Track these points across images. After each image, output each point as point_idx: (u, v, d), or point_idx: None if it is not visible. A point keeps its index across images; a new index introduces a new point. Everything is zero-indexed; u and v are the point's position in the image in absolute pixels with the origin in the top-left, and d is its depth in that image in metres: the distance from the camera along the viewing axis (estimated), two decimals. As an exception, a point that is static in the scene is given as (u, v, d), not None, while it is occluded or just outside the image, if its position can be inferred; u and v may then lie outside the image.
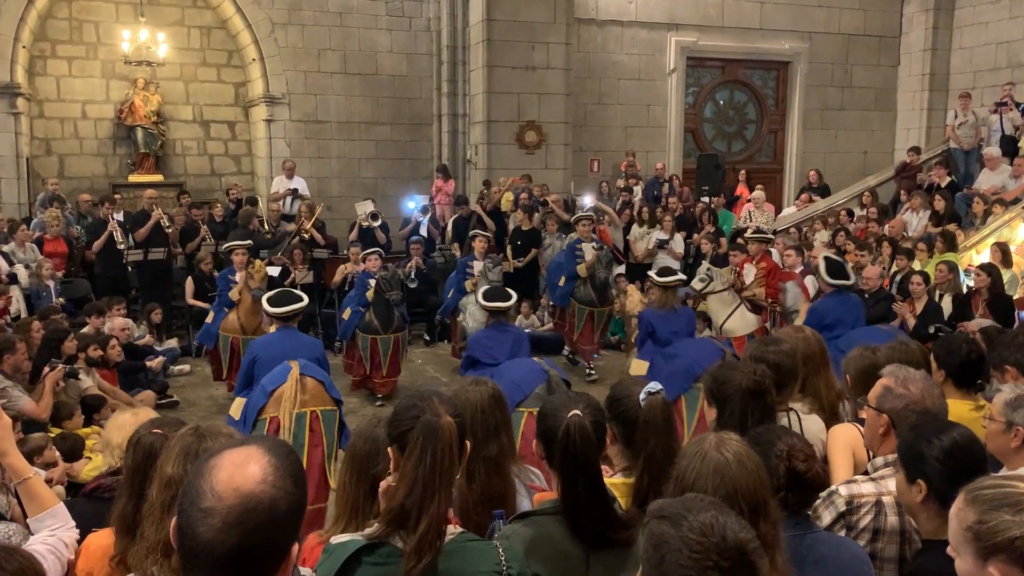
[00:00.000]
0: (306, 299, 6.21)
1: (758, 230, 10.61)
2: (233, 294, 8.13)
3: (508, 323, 6.60)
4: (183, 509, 1.35)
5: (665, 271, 7.40)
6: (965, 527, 1.74)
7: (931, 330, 6.94)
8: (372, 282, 8.35)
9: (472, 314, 8.68)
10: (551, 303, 10.18)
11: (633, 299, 8.94)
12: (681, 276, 7.61)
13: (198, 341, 9.23)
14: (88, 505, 2.80)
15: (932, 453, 2.27)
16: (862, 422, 3.16)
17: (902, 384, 2.74)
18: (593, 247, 9.63)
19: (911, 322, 7.44)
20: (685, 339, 6.76)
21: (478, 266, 9.42)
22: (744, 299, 8.54)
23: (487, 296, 6.61)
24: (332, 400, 5.30)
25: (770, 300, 8.56)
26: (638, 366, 6.85)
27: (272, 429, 5.01)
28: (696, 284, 8.56)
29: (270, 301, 6.11)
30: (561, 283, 9.67)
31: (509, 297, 6.63)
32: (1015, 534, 1.66)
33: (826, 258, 7.36)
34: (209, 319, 8.60)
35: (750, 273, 8.95)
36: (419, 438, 1.92)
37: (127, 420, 2.85)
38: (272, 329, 6.31)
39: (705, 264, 8.98)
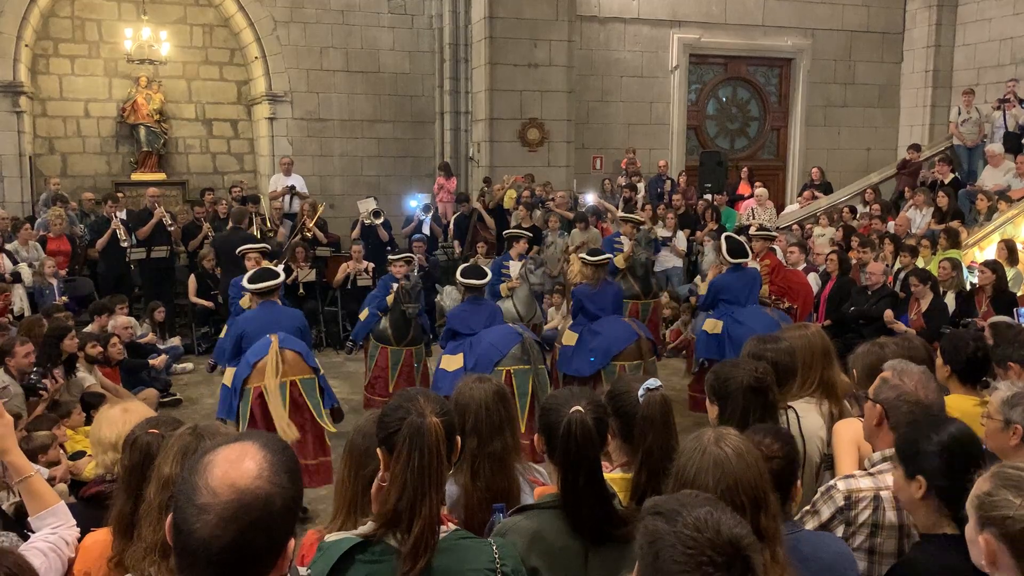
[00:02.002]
0: (282, 275, 6.63)
1: (761, 227, 10.59)
2: (244, 302, 7.42)
3: (482, 298, 7.01)
4: (179, 506, 1.34)
5: (595, 252, 7.73)
6: (975, 494, 1.83)
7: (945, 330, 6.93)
8: (394, 286, 7.92)
9: (448, 293, 8.80)
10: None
11: (574, 268, 8.67)
12: (608, 255, 7.94)
13: (213, 359, 8.56)
14: (86, 510, 2.78)
15: (931, 449, 2.27)
16: (869, 418, 3.17)
17: (898, 376, 2.76)
18: (630, 239, 9.30)
19: (913, 331, 7.36)
20: (608, 317, 7.34)
21: (515, 268, 8.92)
22: None
23: (465, 273, 7.01)
24: (310, 368, 5.87)
25: (774, 297, 8.54)
26: (569, 337, 7.47)
27: (256, 397, 5.61)
28: (699, 281, 8.58)
29: (249, 279, 6.45)
30: None
31: (484, 275, 7.07)
32: (1008, 513, 1.74)
33: (727, 237, 7.71)
34: (223, 333, 7.94)
35: None
36: (405, 441, 1.91)
37: (116, 416, 2.79)
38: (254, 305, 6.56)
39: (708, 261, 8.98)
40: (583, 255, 7.74)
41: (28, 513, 2.58)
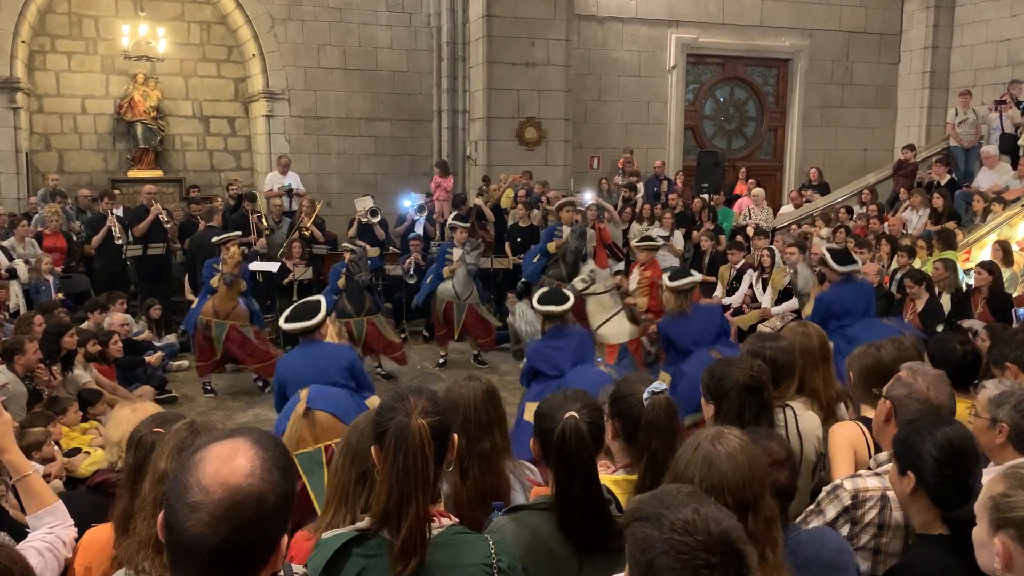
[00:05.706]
0: (323, 312, 5.60)
1: (647, 238, 10.10)
2: (214, 281, 8.53)
3: (567, 325, 5.93)
4: (170, 503, 1.34)
5: (678, 273, 6.51)
6: (989, 495, 1.81)
7: (938, 328, 6.93)
8: (343, 271, 8.81)
9: (522, 314, 8.24)
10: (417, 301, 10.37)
11: (668, 301, 8.28)
12: (695, 277, 6.61)
13: (183, 327, 9.61)
14: (91, 498, 2.78)
15: (924, 447, 2.29)
16: (864, 421, 3.16)
17: (912, 375, 2.80)
18: (571, 229, 9.67)
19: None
20: (700, 352, 5.98)
21: (457, 252, 9.61)
22: (626, 306, 8.05)
23: (543, 299, 5.99)
24: None
25: (651, 314, 7.95)
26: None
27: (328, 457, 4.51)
28: (577, 283, 7.93)
29: (287, 317, 5.61)
30: (535, 260, 9.91)
31: (565, 299, 5.96)
32: None
33: (829, 249, 7.21)
34: (194, 305, 8.96)
35: (634, 279, 8.62)
36: (391, 442, 1.91)
37: (125, 416, 2.82)
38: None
39: (591, 264, 8.87)
40: (664, 278, 6.51)
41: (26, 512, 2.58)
